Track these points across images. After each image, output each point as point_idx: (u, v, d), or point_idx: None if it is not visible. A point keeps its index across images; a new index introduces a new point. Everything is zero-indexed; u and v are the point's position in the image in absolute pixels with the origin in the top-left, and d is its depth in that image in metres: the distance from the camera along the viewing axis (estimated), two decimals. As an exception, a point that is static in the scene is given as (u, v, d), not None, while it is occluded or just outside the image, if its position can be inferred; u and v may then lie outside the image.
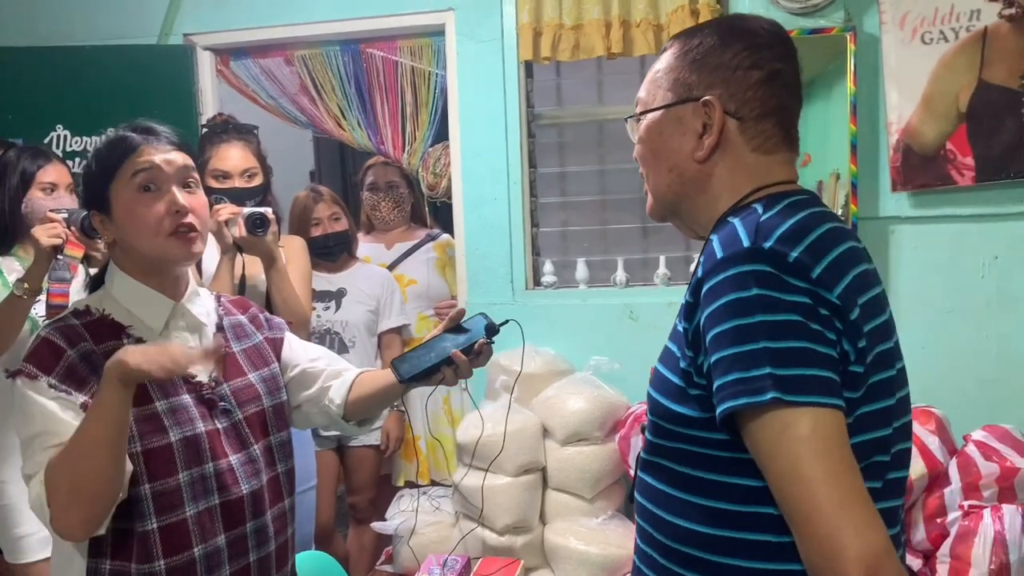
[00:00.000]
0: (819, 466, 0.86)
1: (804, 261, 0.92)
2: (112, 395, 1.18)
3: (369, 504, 3.02)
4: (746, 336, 0.90)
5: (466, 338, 1.39)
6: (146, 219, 1.32)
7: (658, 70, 1.11)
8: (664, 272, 2.92)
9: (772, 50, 1.06)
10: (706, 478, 0.99)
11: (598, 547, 2.48)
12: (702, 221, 1.09)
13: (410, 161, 3.18)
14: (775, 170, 1.07)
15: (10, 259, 2.20)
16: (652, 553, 1.06)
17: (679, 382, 1.00)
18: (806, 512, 0.87)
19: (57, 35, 3.12)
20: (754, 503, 0.95)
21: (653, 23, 2.75)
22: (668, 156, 1.08)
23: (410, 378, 1.40)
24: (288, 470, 1.47)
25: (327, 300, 2.91)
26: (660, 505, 1.05)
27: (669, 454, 1.03)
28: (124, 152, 1.32)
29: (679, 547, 1.02)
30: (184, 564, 1.29)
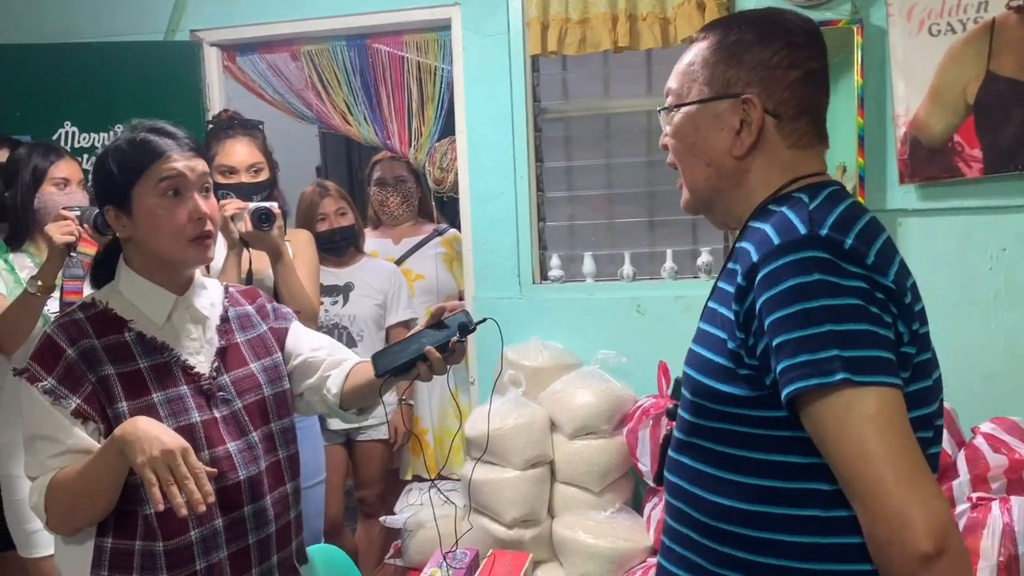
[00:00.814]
0: (885, 443, 0.89)
1: (858, 248, 0.96)
2: (115, 457, 1.26)
3: (377, 498, 3.03)
4: (811, 319, 0.92)
5: (443, 335, 1.41)
6: (169, 224, 1.37)
7: (692, 62, 1.11)
8: (671, 266, 2.92)
9: (809, 49, 1.08)
10: (752, 457, 1.01)
11: (606, 540, 2.49)
12: (737, 214, 1.12)
13: (417, 156, 3.18)
14: (808, 163, 1.10)
15: (22, 256, 2.22)
16: (689, 532, 1.08)
17: (727, 363, 1.02)
18: (873, 488, 0.89)
19: (64, 32, 3.13)
20: (804, 479, 0.98)
21: (660, 16, 2.74)
22: (705, 151, 1.10)
23: (385, 372, 1.42)
24: (290, 455, 1.51)
25: (335, 294, 2.92)
26: (699, 484, 1.07)
27: (710, 434, 1.06)
28: (151, 156, 1.37)
29: (720, 524, 1.04)
30: (182, 547, 1.34)
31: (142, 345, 1.38)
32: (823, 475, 0.96)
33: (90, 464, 1.29)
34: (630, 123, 3.08)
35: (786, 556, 1.00)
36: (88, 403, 1.32)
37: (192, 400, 1.39)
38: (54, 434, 1.31)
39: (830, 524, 0.97)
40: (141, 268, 1.41)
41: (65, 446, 1.31)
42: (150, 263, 1.41)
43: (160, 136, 1.39)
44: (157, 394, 1.36)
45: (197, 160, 1.41)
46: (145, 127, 1.41)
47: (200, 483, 1.22)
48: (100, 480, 1.29)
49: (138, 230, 1.39)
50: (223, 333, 1.48)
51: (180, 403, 1.38)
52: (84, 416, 1.32)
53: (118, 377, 1.34)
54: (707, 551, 1.06)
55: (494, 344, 1.49)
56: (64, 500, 1.31)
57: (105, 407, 1.33)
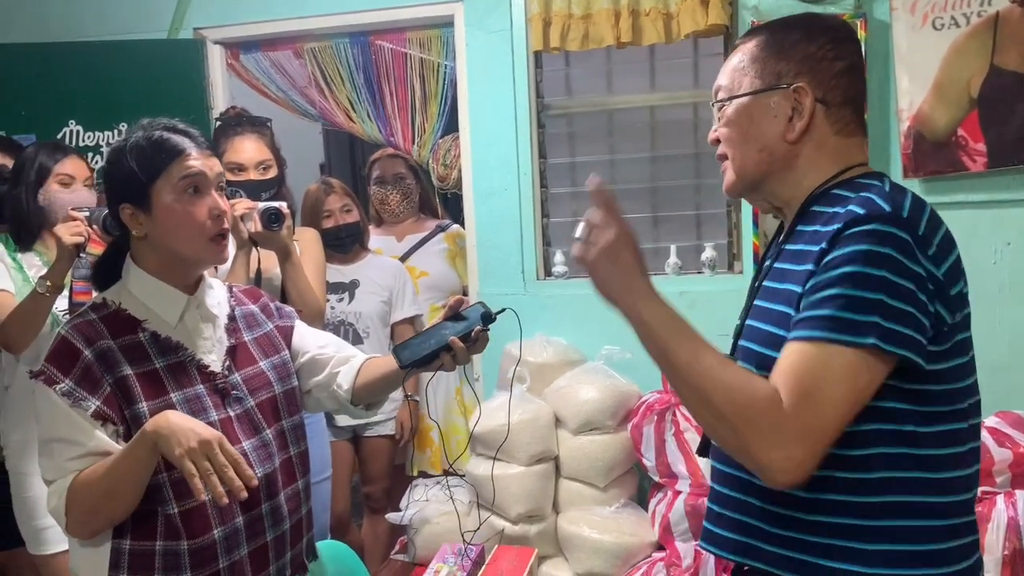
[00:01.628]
0: (836, 394, 1.00)
1: (927, 236, 1.05)
2: (146, 453, 1.27)
3: (384, 494, 3.05)
4: (868, 284, 1.01)
5: (464, 326, 1.44)
6: (190, 222, 1.38)
7: (741, 60, 1.22)
8: (675, 261, 2.93)
9: (850, 43, 1.20)
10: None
11: (611, 535, 2.50)
12: (785, 196, 1.21)
13: (420, 153, 3.18)
14: (854, 152, 1.19)
15: (31, 255, 2.23)
16: (746, 497, 1.16)
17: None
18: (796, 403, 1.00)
19: (68, 31, 3.14)
20: (864, 446, 1.06)
21: (663, 12, 2.74)
22: (758, 138, 1.18)
23: (410, 364, 1.44)
24: (301, 452, 1.53)
25: (340, 292, 2.92)
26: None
27: None
28: (170, 154, 1.38)
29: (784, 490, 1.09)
30: (205, 545, 1.35)
31: (157, 345, 1.38)
32: (883, 439, 1.06)
33: (117, 462, 1.29)
34: (633, 119, 3.08)
35: (848, 514, 1.07)
36: (107, 405, 1.32)
37: (209, 399, 1.40)
38: (74, 436, 1.31)
39: (884, 485, 1.06)
40: (153, 268, 1.41)
41: (86, 448, 1.31)
42: (164, 262, 1.41)
43: (177, 134, 1.40)
44: (175, 393, 1.36)
45: (213, 158, 1.43)
46: (161, 125, 1.41)
47: (240, 470, 1.24)
48: (128, 478, 1.29)
49: (156, 228, 1.39)
50: (231, 332, 1.48)
51: (198, 402, 1.38)
52: (104, 418, 1.31)
53: (136, 377, 1.34)
54: (766, 513, 1.13)
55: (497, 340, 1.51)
56: (88, 501, 1.30)
57: (123, 408, 1.33)
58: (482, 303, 1.47)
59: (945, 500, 1.08)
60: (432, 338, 1.45)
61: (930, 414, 1.07)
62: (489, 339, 1.46)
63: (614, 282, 1.11)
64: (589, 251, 1.13)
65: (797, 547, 1.10)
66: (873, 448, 1.06)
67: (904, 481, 1.06)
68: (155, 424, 1.26)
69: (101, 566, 1.35)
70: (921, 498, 1.06)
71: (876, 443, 1.06)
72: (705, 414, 1.05)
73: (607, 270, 1.12)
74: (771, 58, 1.17)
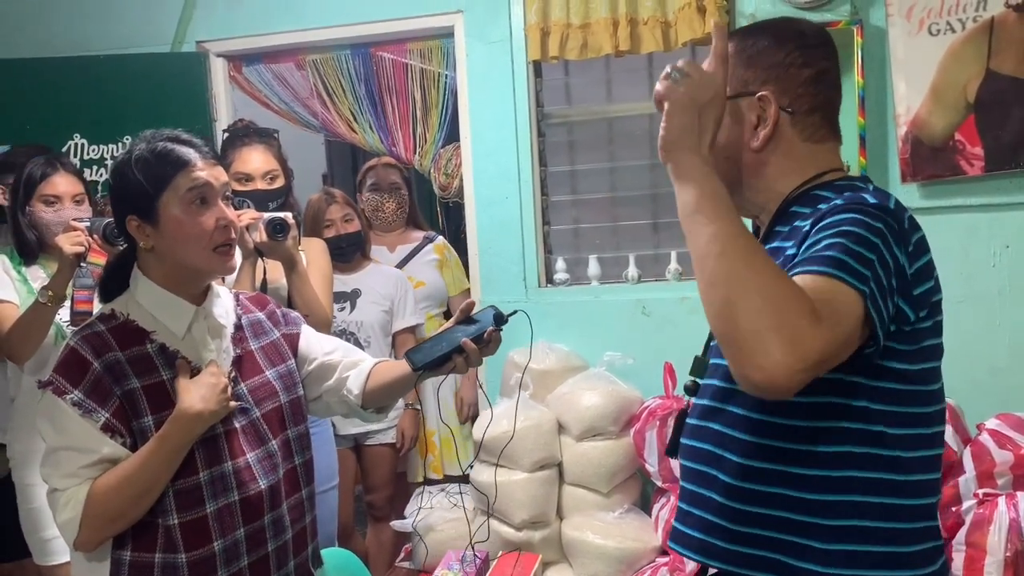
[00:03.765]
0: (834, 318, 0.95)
1: (908, 232, 1.05)
2: (184, 438, 1.31)
3: (386, 502, 3.05)
4: (864, 244, 0.99)
5: (476, 328, 1.44)
6: (196, 232, 1.38)
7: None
8: (676, 267, 2.94)
9: (819, 50, 1.17)
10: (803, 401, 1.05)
11: (615, 540, 2.50)
12: (758, 202, 1.19)
13: (422, 162, 3.21)
14: (827, 157, 1.18)
15: (35, 268, 2.25)
16: (711, 495, 1.14)
17: None
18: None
19: (72, 45, 3.17)
20: (830, 444, 1.05)
21: (661, 20, 2.77)
22: (725, 147, 1.15)
23: (423, 366, 1.45)
24: (305, 461, 1.52)
25: (342, 301, 2.94)
26: (726, 445, 1.13)
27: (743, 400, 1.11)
28: (176, 165, 1.37)
29: (754, 463, 1.09)
30: (205, 557, 1.34)
31: (164, 356, 1.38)
32: (855, 439, 1.04)
33: (151, 457, 1.30)
34: (633, 126, 3.10)
35: (810, 512, 1.06)
36: (116, 417, 1.32)
37: None
38: (86, 445, 1.31)
39: (857, 483, 1.05)
40: (160, 279, 1.41)
41: (100, 455, 1.31)
42: (171, 273, 1.41)
43: (182, 145, 1.40)
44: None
45: (219, 168, 1.42)
46: (164, 136, 1.41)
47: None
48: (166, 469, 1.31)
49: (163, 240, 1.38)
50: (237, 341, 1.48)
51: None
52: (113, 431, 1.32)
53: (143, 390, 1.34)
54: (726, 510, 1.12)
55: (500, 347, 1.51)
56: (113, 507, 1.30)
57: (131, 421, 1.33)
58: (494, 306, 1.47)
59: (912, 503, 1.06)
60: (444, 341, 1.45)
61: (901, 415, 1.06)
62: (501, 340, 1.46)
63: (687, 134, 1.04)
64: (675, 91, 1.06)
65: (756, 543, 1.09)
66: (840, 446, 1.05)
67: (870, 481, 1.05)
68: (182, 407, 1.31)
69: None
70: (888, 500, 1.05)
71: (844, 441, 1.05)
72: (734, 288, 0.94)
73: (687, 118, 1.05)
74: (739, 65, 1.16)
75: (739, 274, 0.94)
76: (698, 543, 1.15)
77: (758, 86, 1.14)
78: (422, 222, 3.35)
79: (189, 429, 1.32)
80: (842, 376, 1.03)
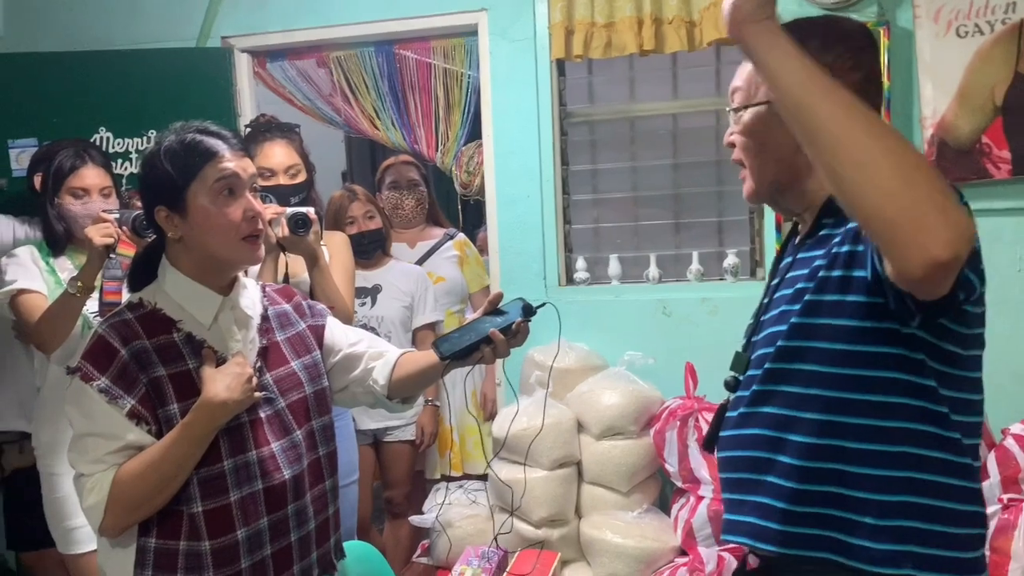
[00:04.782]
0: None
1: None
2: (208, 426, 1.33)
3: (404, 499, 3.06)
4: None
5: (504, 319, 1.44)
6: (224, 223, 1.39)
7: None
8: (697, 268, 2.94)
9: (867, 52, 1.17)
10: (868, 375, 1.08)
11: (634, 540, 2.50)
12: (805, 203, 1.21)
13: (444, 160, 3.21)
14: None
15: (63, 259, 2.27)
16: (766, 479, 1.14)
17: (870, 299, 1.05)
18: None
19: (99, 40, 3.19)
20: (890, 419, 1.07)
21: (686, 20, 2.76)
22: (775, 148, 1.17)
23: (450, 356, 1.45)
24: (329, 452, 1.53)
25: (363, 296, 2.95)
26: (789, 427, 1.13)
27: (794, 377, 1.12)
28: (204, 157, 1.39)
29: (824, 440, 1.10)
30: (228, 545, 1.35)
31: (190, 345, 1.39)
32: (916, 416, 1.06)
33: (176, 443, 1.32)
34: (655, 126, 3.10)
35: (865, 488, 1.07)
36: (142, 404, 1.34)
37: None
38: (112, 431, 1.33)
39: (912, 460, 1.07)
40: (188, 269, 1.42)
41: (125, 441, 1.33)
42: (199, 264, 1.42)
43: (210, 137, 1.41)
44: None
45: (246, 160, 1.44)
46: (194, 128, 1.42)
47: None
48: (190, 457, 1.33)
49: (191, 230, 1.40)
50: (264, 332, 1.49)
51: None
52: (138, 417, 1.33)
53: (169, 378, 1.36)
54: (782, 490, 1.12)
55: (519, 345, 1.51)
56: (137, 492, 1.32)
57: (156, 408, 1.35)
58: (522, 298, 1.47)
59: (965, 485, 1.08)
60: (472, 331, 1.45)
61: (961, 401, 1.08)
62: (529, 332, 1.46)
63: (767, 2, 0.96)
64: None
65: (811, 522, 1.10)
66: (899, 422, 1.06)
67: (929, 460, 1.06)
68: (207, 397, 1.32)
69: (128, 564, 1.36)
70: (943, 479, 1.07)
71: (904, 417, 1.06)
72: (895, 166, 0.86)
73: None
74: None
75: (893, 150, 0.87)
76: (751, 528, 1.16)
77: None
78: (442, 218, 3.35)
79: (213, 417, 1.33)
80: (907, 353, 1.05)
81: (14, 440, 2.64)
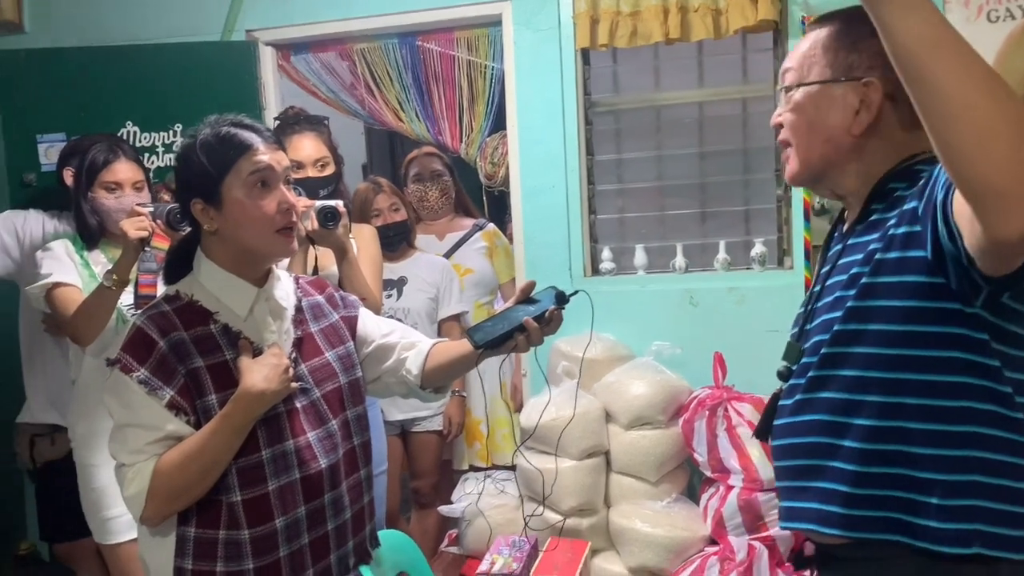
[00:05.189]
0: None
1: None
2: (247, 417, 1.34)
3: (432, 489, 3.07)
4: None
5: (537, 307, 1.44)
6: (259, 215, 1.40)
7: (813, 47, 1.21)
8: (724, 257, 2.93)
9: None
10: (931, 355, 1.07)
11: (664, 529, 2.51)
12: (849, 187, 1.21)
13: (468, 151, 3.21)
14: (920, 144, 1.16)
15: (97, 253, 2.29)
16: (830, 464, 1.14)
17: (929, 279, 1.05)
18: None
19: (124, 34, 3.21)
20: (953, 398, 1.07)
21: (712, 8, 2.74)
22: (824, 129, 1.18)
23: (484, 344, 1.45)
24: (364, 442, 1.54)
25: (389, 288, 2.96)
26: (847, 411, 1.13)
27: (849, 360, 1.12)
28: (239, 149, 1.40)
29: (888, 422, 1.10)
30: (267, 534, 1.37)
31: (227, 337, 1.41)
32: (978, 395, 1.05)
33: (214, 434, 1.33)
34: (681, 115, 3.08)
35: (931, 469, 1.07)
36: (181, 395, 1.35)
37: None
38: (151, 421, 1.34)
39: (976, 439, 1.06)
40: (224, 261, 1.43)
41: (165, 432, 1.34)
42: (234, 256, 1.43)
43: (245, 130, 1.42)
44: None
45: (280, 152, 1.45)
46: (228, 121, 1.43)
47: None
48: (228, 447, 1.34)
49: (226, 222, 1.41)
50: (298, 323, 1.50)
51: None
52: (177, 408, 1.35)
53: (207, 369, 1.37)
54: (846, 474, 1.12)
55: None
56: (177, 482, 1.33)
57: (195, 399, 1.36)
58: (554, 287, 1.48)
59: None
60: (505, 320, 1.45)
61: (1019, 382, 1.07)
62: (563, 320, 1.47)
63: None
64: None
65: (876, 504, 1.10)
66: (963, 401, 1.06)
67: (994, 439, 1.06)
68: (245, 387, 1.33)
69: (168, 554, 1.38)
70: (1009, 458, 1.06)
71: (967, 397, 1.06)
72: (996, 123, 0.84)
73: None
74: (843, 49, 1.17)
75: (1017, 119, 0.85)
76: (815, 513, 1.16)
77: (863, 71, 1.15)
78: (472, 208, 3.35)
79: (251, 408, 1.34)
80: (969, 332, 1.05)
81: (45, 433, 2.68)
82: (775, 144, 2.86)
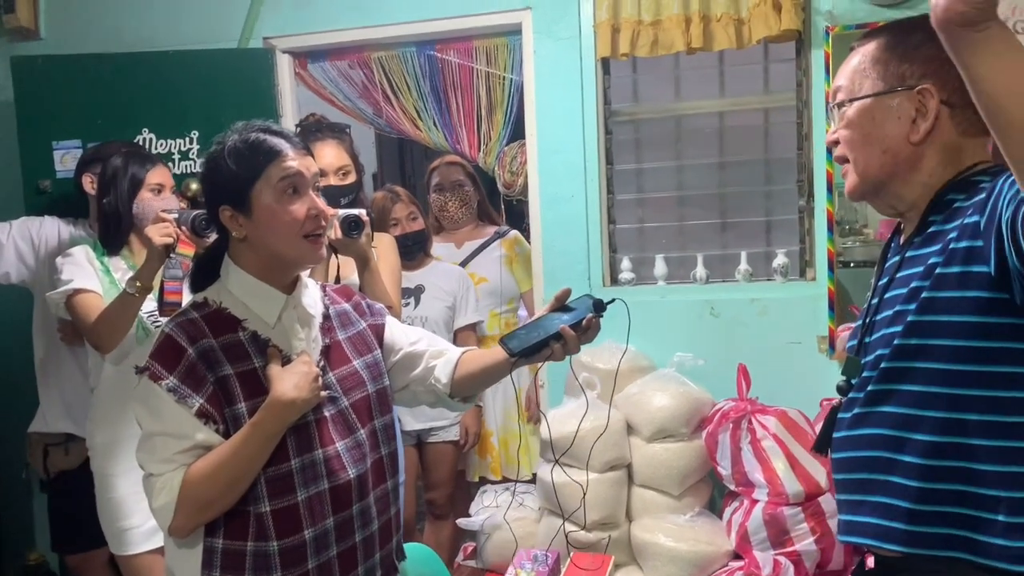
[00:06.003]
0: None
1: None
2: (277, 426, 1.32)
3: (447, 500, 3.05)
4: None
5: (573, 315, 1.43)
6: (288, 221, 1.38)
7: (862, 61, 1.22)
8: (746, 268, 2.90)
9: None
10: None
11: (688, 543, 2.47)
12: (909, 199, 1.21)
13: (486, 160, 3.20)
14: (976, 151, 1.18)
15: (117, 259, 2.27)
16: (891, 479, 1.13)
17: (991, 294, 1.05)
18: None
19: (142, 41, 3.20)
20: (1014, 414, 1.06)
21: (734, 17, 2.73)
22: (881, 140, 1.19)
23: (519, 352, 1.43)
24: (391, 452, 1.52)
25: (406, 296, 2.94)
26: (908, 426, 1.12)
27: (915, 376, 1.11)
28: (268, 155, 1.39)
29: (946, 439, 1.09)
30: (295, 546, 1.34)
31: (256, 344, 1.39)
32: None
33: (246, 443, 1.31)
34: (702, 124, 3.07)
35: (992, 485, 1.06)
36: (211, 403, 1.33)
37: None
38: (181, 430, 1.32)
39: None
40: (252, 268, 1.42)
41: (194, 441, 1.32)
42: (263, 263, 1.41)
43: (274, 136, 1.41)
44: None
45: (309, 158, 1.43)
46: (256, 127, 1.42)
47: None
48: (259, 456, 1.32)
49: (256, 229, 1.39)
50: (326, 331, 1.49)
51: None
52: (207, 417, 1.32)
53: (236, 377, 1.35)
54: (908, 491, 1.11)
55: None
56: (207, 492, 1.31)
57: (224, 407, 1.34)
58: (590, 295, 1.46)
59: None
60: (540, 328, 1.43)
61: None
62: (600, 328, 1.44)
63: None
64: None
65: (938, 521, 1.09)
66: (1022, 416, 1.05)
67: None
68: (275, 395, 1.32)
69: (195, 565, 1.35)
70: None
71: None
72: None
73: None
74: (894, 60, 1.18)
75: None
76: (875, 528, 1.15)
77: (917, 80, 1.16)
78: (495, 215, 3.33)
79: (282, 417, 1.32)
80: None
81: (59, 442, 2.65)
82: (796, 154, 2.86)
